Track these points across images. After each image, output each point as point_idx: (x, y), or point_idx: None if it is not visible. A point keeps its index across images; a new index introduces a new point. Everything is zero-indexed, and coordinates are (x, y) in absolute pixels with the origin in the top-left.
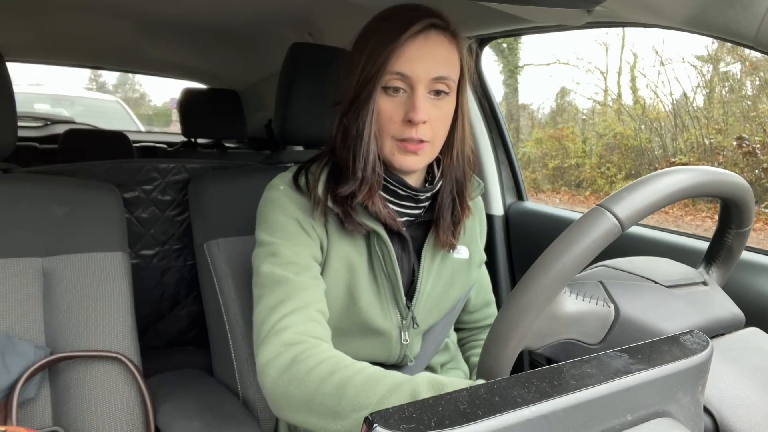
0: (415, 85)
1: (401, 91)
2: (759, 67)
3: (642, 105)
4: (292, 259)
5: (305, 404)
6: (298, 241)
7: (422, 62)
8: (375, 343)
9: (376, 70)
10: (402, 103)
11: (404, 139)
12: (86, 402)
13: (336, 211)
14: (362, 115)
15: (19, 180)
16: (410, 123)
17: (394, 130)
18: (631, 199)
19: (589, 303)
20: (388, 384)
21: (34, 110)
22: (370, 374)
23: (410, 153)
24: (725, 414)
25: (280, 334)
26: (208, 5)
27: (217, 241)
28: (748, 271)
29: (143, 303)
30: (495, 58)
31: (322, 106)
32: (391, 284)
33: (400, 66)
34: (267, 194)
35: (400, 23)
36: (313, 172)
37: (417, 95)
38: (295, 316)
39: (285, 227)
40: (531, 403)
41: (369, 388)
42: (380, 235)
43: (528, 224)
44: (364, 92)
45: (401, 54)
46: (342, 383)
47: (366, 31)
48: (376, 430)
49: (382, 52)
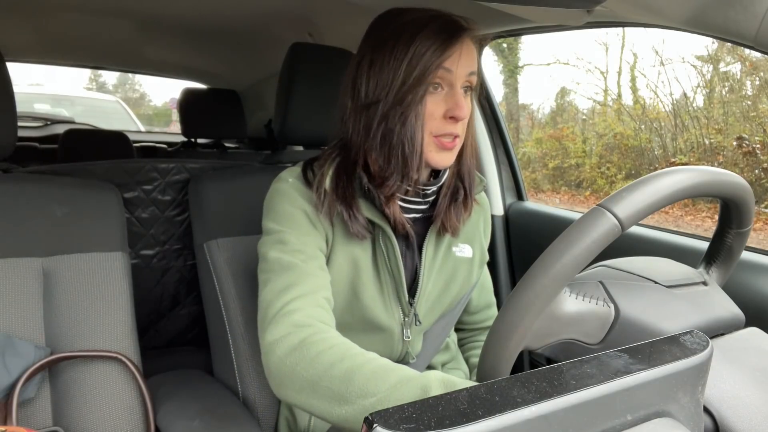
0: (455, 82)
1: (439, 87)
2: (759, 67)
3: (642, 105)
4: (299, 247)
5: (311, 386)
6: (305, 231)
7: (462, 59)
8: (377, 339)
9: (428, 73)
10: (441, 100)
11: (442, 135)
12: (86, 402)
13: (342, 212)
14: (411, 117)
15: (19, 180)
16: (453, 119)
17: (434, 127)
18: (631, 199)
19: (589, 303)
20: (399, 376)
21: (34, 110)
22: (382, 364)
23: (446, 150)
24: (725, 414)
25: (290, 315)
26: (208, 5)
27: (217, 241)
28: (748, 271)
29: (143, 303)
30: (495, 58)
31: (322, 106)
32: (394, 281)
33: (447, 62)
34: (275, 186)
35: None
36: (320, 168)
37: (458, 92)
38: (304, 300)
39: (293, 217)
40: (531, 403)
41: (379, 377)
42: (385, 231)
43: (528, 224)
44: (412, 93)
45: (449, 53)
46: (352, 369)
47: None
48: (376, 430)
49: (432, 54)
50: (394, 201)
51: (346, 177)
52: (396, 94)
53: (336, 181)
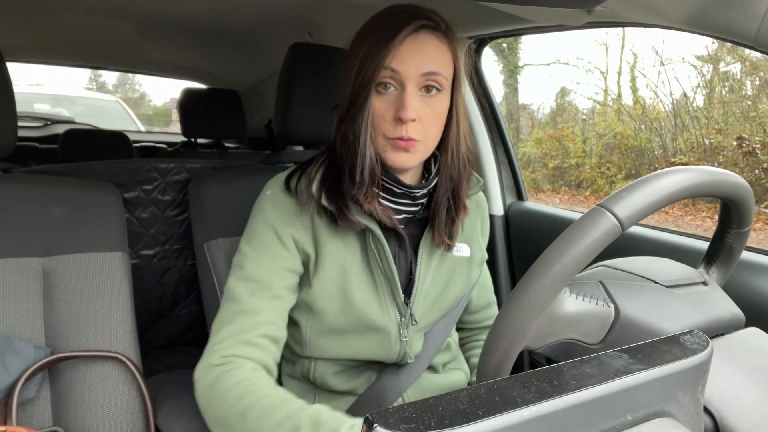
0: (405, 82)
1: (392, 88)
2: (759, 67)
3: (642, 105)
4: (254, 274)
5: (222, 423)
6: (269, 252)
7: (411, 58)
8: (374, 340)
9: (371, 74)
10: (392, 101)
11: (395, 138)
12: (86, 402)
13: (330, 209)
14: (359, 119)
15: (19, 180)
16: (400, 121)
17: (386, 129)
18: (631, 199)
19: (589, 303)
20: (282, 414)
21: (34, 110)
22: (272, 401)
23: (402, 150)
24: (725, 414)
25: (213, 354)
26: (208, 5)
27: (217, 241)
28: (748, 271)
29: (143, 303)
30: (495, 58)
31: (322, 106)
32: (388, 281)
33: (390, 62)
34: (259, 198)
35: (391, 26)
36: (309, 172)
37: (406, 93)
38: (233, 339)
39: (260, 236)
40: (531, 403)
41: (266, 416)
42: (375, 232)
43: (528, 224)
44: (360, 96)
45: (393, 54)
46: (248, 407)
47: (360, 35)
48: (376, 430)
49: (376, 55)
50: (373, 199)
51: (332, 181)
52: (349, 96)
53: (323, 185)
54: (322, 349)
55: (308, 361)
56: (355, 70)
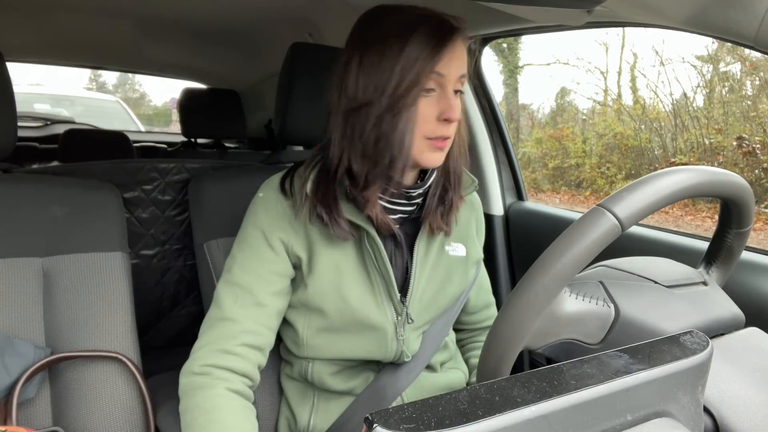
0: (446, 85)
1: (432, 90)
2: (759, 67)
3: (642, 105)
4: (239, 279)
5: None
6: (257, 256)
7: (454, 62)
8: (371, 339)
9: (419, 78)
10: (434, 102)
11: (435, 138)
12: (86, 402)
13: (322, 215)
14: (404, 121)
15: (19, 180)
16: (446, 122)
17: (428, 130)
18: (631, 199)
19: (589, 303)
20: None
21: (34, 110)
22: None
23: (438, 150)
24: (725, 414)
25: (191, 362)
26: (208, 5)
27: (217, 241)
28: (748, 271)
29: (143, 303)
30: (495, 58)
31: (322, 106)
32: (384, 280)
33: (440, 67)
34: (252, 200)
35: (438, 31)
36: (301, 173)
37: (450, 94)
38: (210, 348)
39: (249, 239)
40: (531, 403)
41: None
42: (369, 233)
43: (528, 224)
44: (406, 98)
45: (442, 59)
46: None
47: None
48: (376, 430)
49: (425, 59)
50: (375, 203)
51: (327, 181)
52: (389, 97)
53: (317, 185)
54: (319, 349)
55: (306, 362)
56: (398, 71)
